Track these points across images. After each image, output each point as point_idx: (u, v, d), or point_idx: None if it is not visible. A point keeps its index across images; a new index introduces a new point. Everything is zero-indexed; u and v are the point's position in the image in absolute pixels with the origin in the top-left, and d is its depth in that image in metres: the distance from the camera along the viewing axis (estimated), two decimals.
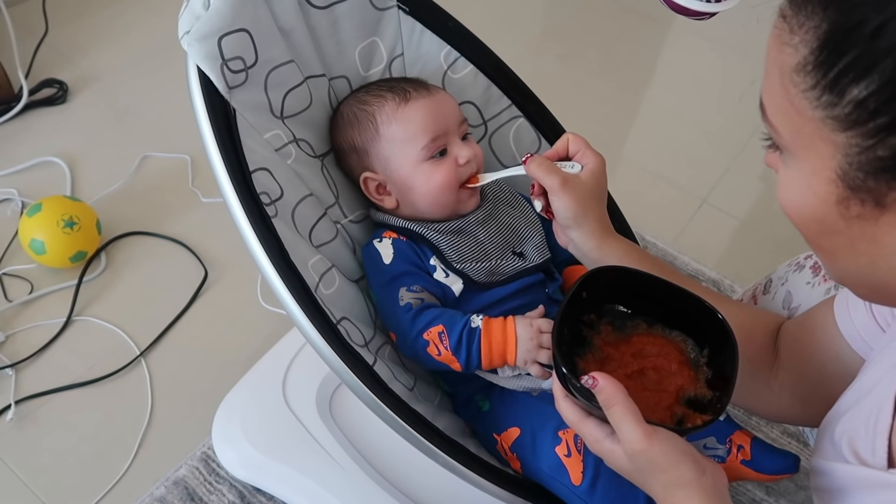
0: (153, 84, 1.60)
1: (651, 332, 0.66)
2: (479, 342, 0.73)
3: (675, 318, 0.66)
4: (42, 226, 1.19)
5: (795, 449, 1.13)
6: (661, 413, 0.62)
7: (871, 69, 0.37)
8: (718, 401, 0.61)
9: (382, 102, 0.81)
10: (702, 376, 0.64)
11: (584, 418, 0.60)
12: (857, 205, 0.42)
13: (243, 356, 1.13)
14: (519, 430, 0.76)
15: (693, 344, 0.66)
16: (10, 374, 1.12)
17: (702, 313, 0.64)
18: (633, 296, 0.67)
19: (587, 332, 0.66)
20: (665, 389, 0.63)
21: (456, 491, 0.94)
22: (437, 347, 0.74)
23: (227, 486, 1.03)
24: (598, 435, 0.58)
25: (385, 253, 0.79)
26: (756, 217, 1.50)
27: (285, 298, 0.68)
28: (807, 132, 0.42)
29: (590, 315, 0.66)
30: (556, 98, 0.99)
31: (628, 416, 0.55)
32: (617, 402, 0.55)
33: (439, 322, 0.74)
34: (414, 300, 0.76)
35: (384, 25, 0.88)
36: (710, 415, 0.60)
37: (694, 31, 1.86)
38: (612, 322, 0.67)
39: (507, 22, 1.90)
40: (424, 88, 0.83)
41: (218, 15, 0.70)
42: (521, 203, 0.89)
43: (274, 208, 0.71)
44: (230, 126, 0.70)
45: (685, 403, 0.63)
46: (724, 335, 0.62)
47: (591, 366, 0.64)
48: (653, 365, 0.65)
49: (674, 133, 1.67)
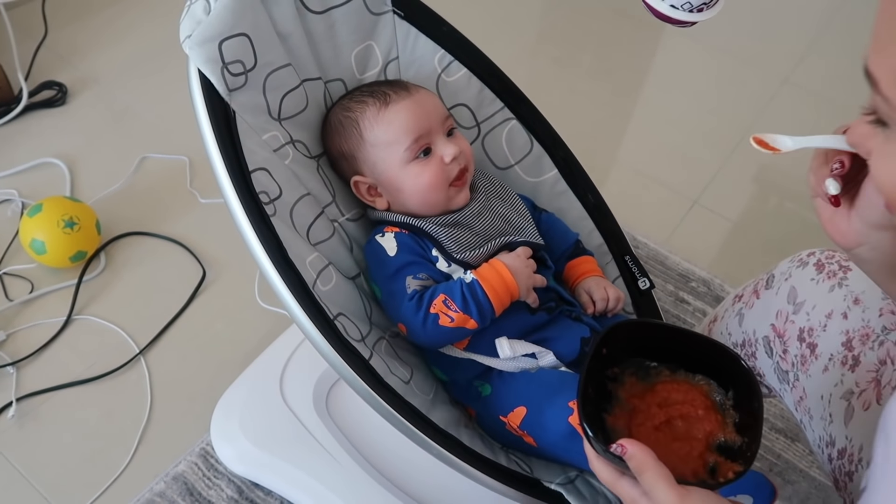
0: (151, 86, 1.62)
1: (675, 378, 0.67)
2: (482, 291, 0.77)
3: (697, 365, 0.67)
4: (43, 226, 1.21)
5: (783, 444, 1.15)
6: (693, 463, 0.62)
7: None
8: (748, 448, 0.61)
9: (364, 108, 0.84)
10: (729, 420, 0.64)
11: (618, 478, 0.60)
12: None
13: (241, 354, 1.15)
14: (525, 408, 0.78)
15: (717, 386, 0.66)
16: (11, 372, 1.14)
17: (723, 358, 0.65)
18: (654, 346, 0.67)
19: (612, 386, 0.66)
20: (694, 437, 0.64)
21: (448, 484, 0.96)
22: (448, 315, 0.77)
23: (225, 482, 1.05)
24: (634, 494, 0.59)
25: (389, 246, 0.82)
26: (747, 218, 1.53)
27: (284, 295, 0.70)
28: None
29: (613, 369, 0.67)
30: (552, 100, 1.01)
31: (660, 481, 0.55)
32: (648, 468, 0.56)
33: (439, 293, 0.78)
34: (420, 287, 0.80)
35: (380, 29, 0.90)
36: (742, 464, 0.60)
37: (686, 36, 1.89)
38: (636, 373, 0.67)
39: (503, 25, 1.92)
40: (405, 90, 0.85)
41: (219, 20, 0.72)
42: (511, 196, 0.91)
43: (273, 207, 0.73)
44: (230, 127, 0.72)
45: (716, 450, 0.63)
46: (746, 379, 0.63)
47: (620, 421, 0.64)
48: (679, 413, 0.65)
49: (666, 135, 1.69)
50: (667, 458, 0.57)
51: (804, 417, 0.78)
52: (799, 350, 0.77)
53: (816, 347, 0.75)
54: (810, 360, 0.76)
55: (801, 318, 0.77)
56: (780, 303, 0.80)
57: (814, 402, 0.75)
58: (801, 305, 0.78)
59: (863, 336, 0.72)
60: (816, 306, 0.76)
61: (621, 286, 0.96)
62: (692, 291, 1.36)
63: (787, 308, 0.79)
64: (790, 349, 0.78)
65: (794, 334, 0.78)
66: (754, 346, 0.83)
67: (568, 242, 0.93)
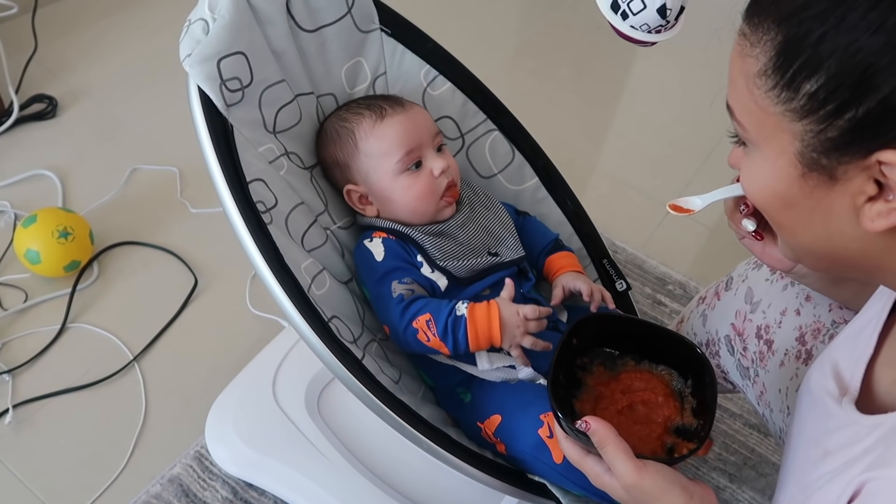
0: (141, 99, 1.65)
1: (638, 368, 0.73)
2: (464, 329, 0.79)
3: (661, 355, 0.73)
4: (37, 236, 1.24)
5: (756, 439, 1.21)
6: (652, 444, 0.68)
7: (818, 68, 0.47)
8: (702, 429, 0.67)
9: (360, 119, 0.88)
10: (688, 406, 0.71)
11: (584, 456, 0.66)
12: (813, 179, 0.50)
13: (233, 359, 1.18)
14: (500, 416, 0.82)
15: (678, 376, 0.72)
16: (6, 380, 1.16)
17: (682, 347, 0.71)
18: (622, 338, 0.74)
19: (581, 375, 0.73)
20: (654, 421, 0.70)
21: (435, 480, 1.00)
22: (426, 334, 0.80)
23: (220, 483, 1.08)
24: (598, 470, 0.65)
25: (377, 251, 0.86)
26: (721, 223, 1.58)
27: (281, 299, 0.74)
28: (770, 125, 0.51)
29: (583, 359, 0.73)
30: (531, 112, 1.05)
31: (620, 454, 0.61)
32: (609, 442, 0.62)
33: (426, 311, 0.80)
34: (406, 291, 0.83)
35: (368, 47, 0.94)
36: (696, 443, 0.66)
37: (661, 49, 1.94)
38: (604, 363, 0.74)
39: (482, 40, 1.98)
40: (399, 105, 0.89)
41: (217, 39, 0.76)
42: (494, 204, 0.96)
43: (269, 216, 0.77)
44: (228, 141, 0.76)
45: (674, 432, 0.69)
46: (702, 366, 0.69)
47: (587, 405, 0.70)
48: (641, 399, 0.71)
49: (643, 144, 1.75)
50: (628, 438, 0.62)
51: (766, 411, 0.83)
52: (757, 347, 0.82)
53: (773, 343, 0.80)
54: (768, 356, 0.81)
55: (758, 317, 0.82)
56: (739, 303, 0.85)
57: (773, 396, 0.80)
58: (758, 304, 0.82)
59: (814, 330, 0.77)
60: (772, 304, 0.81)
61: None
62: (669, 294, 1.41)
63: (745, 307, 0.84)
64: (749, 346, 0.83)
65: (752, 332, 0.82)
66: (717, 345, 0.88)
67: (547, 239, 0.97)
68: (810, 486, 0.55)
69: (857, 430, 0.53)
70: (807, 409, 0.62)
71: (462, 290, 0.86)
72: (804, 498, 0.54)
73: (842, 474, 0.51)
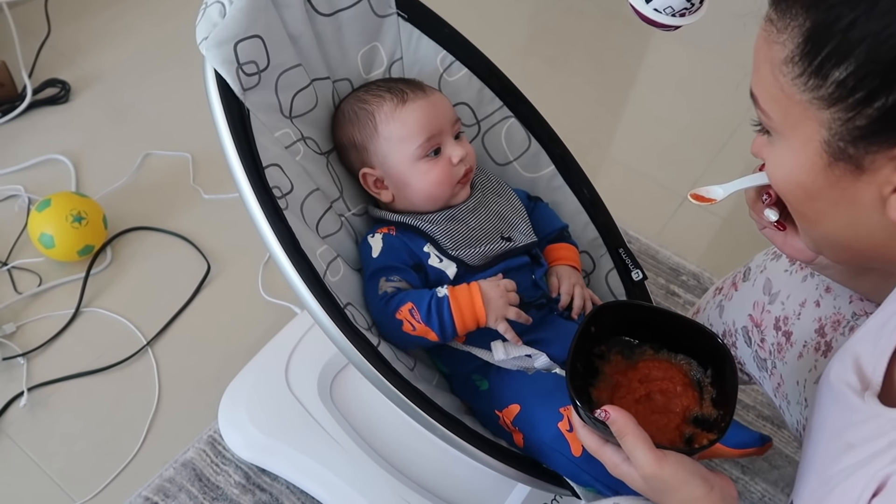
0: (154, 84, 1.65)
1: (657, 357, 0.72)
2: (448, 309, 0.79)
3: (680, 345, 0.72)
4: (51, 220, 1.24)
5: (769, 431, 1.20)
6: (670, 434, 0.67)
7: (848, 55, 0.46)
8: (723, 419, 0.66)
9: (381, 102, 0.87)
10: (707, 396, 0.69)
11: (602, 445, 0.66)
12: (839, 169, 0.49)
13: (246, 345, 1.19)
14: (519, 406, 0.81)
15: (696, 365, 0.71)
16: (21, 363, 1.17)
17: (703, 337, 0.69)
18: (640, 326, 0.73)
19: (599, 363, 0.72)
20: (672, 410, 0.69)
21: (448, 469, 1.00)
22: (411, 323, 0.80)
23: (233, 468, 1.08)
24: (616, 460, 0.64)
25: (375, 247, 0.85)
26: (735, 213, 1.57)
27: (297, 285, 0.73)
28: (795, 113, 0.50)
29: (601, 347, 0.72)
30: (544, 99, 1.04)
31: (639, 444, 0.61)
32: (628, 431, 0.61)
33: (407, 300, 0.80)
34: (391, 289, 0.82)
35: (384, 31, 0.93)
36: (716, 433, 0.65)
37: (674, 36, 1.93)
38: (622, 351, 0.72)
39: (496, 27, 1.96)
40: (421, 90, 0.88)
41: (234, 22, 0.75)
42: (506, 191, 0.95)
43: (285, 201, 0.77)
44: (245, 125, 0.76)
45: (692, 422, 0.68)
46: (722, 356, 0.67)
47: (604, 394, 0.70)
48: (659, 388, 0.70)
49: (657, 133, 1.74)
50: (646, 428, 0.62)
51: (783, 403, 0.82)
52: (775, 338, 0.81)
53: (791, 335, 0.79)
54: (786, 348, 0.80)
55: (776, 308, 0.81)
56: (757, 294, 0.84)
57: (790, 388, 0.80)
58: (777, 296, 0.82)
59: (834, 322, 0.76)
60: (791, 296, 0.80)
61: (616, 278, 1.00)
62: (682, 284, 1.40)
63: (763, 299, 0.83)
64: (767, 338, 0.82)
65: (770, 323, 0.82)
66: (734, 336, 0.87)
67: (552, 227, 0.96)
68: (832, 479, 0.54)
69: (882, 423, 0.53)
70: (828, 402, 0.61)
71: (473, 277, 0.85)
72: (826, 491, 0.54)
73: (865, 467, 0.51)
